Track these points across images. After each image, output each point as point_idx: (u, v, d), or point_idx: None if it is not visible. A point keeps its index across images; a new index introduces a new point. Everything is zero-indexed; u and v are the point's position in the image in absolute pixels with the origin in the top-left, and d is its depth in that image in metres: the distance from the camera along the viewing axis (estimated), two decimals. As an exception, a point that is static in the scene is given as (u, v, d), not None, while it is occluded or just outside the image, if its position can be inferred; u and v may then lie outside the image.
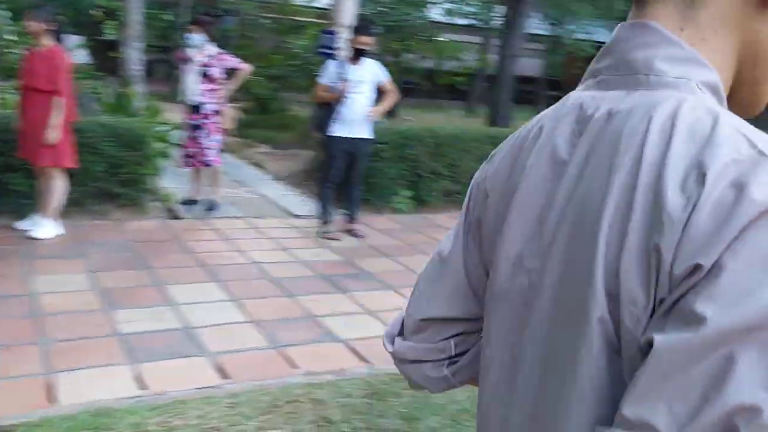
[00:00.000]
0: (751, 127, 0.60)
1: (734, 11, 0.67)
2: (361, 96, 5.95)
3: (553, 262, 0.68)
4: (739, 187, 0.54)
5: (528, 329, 0.71)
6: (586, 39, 20.32)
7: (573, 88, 0.80)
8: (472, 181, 0.89)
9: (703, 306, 0.53)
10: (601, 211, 0.62)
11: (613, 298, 0.60)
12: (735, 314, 0.52)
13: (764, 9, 0.67)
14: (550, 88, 22.16)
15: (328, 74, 6.01)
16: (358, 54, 5.98)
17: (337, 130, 5.95)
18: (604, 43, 0.78)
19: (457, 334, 0.89)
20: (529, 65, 21.17)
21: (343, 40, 6.87)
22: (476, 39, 20.04)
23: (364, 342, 4.06)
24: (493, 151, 0.88)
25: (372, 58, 6.17)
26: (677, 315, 0.55)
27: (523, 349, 0.71)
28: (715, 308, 0.53)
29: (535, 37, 19.32)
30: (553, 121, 0.75)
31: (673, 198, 0.57)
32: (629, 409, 0.56)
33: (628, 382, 0.59)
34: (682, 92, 0.64)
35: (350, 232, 6.36)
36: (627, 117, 0.64)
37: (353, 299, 4.81)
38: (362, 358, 3.88)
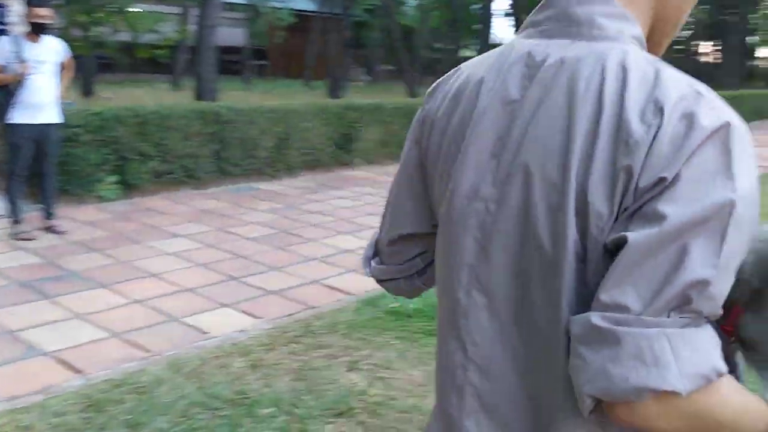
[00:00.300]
0: (680, 72, 0.76)
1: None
2: (43, 77, 5.34)
3: (514, 190, 0.77)
4: (690, 118, 0.69)
5: (491, 252, 0.80)
6: (284, 7, 20.60)
7: (279, 57, 0.74)
8: (417, 118, 0.97)
9: (664, 206, 0.67)
10: (566, 142, 0.73)
11: (581, 213, 0.72)
12: (689, 211, 0.66)
13: None
14: (255, 57, 22.15)
15: (2, 53, 5.28)
16: (36, 29, 5.34)
17: (19, 116, 5.30)
18: (302, 11, 0.74)
19: (423, 252, 1.01)
20: (232, 35, 20.89)
21: (16, 13, 6.07)
22: (175, 10, 19.18)
23: (75, 351, 3.70)
24: (431, 90, 0.97)
25: (53, 33, 5.55)
26: (641, 218, 0.69)
27: (485, 270, 0.81)
28: (675, 208, 0.66)
29: (234, 7, 19.08)
30: (498, 67, 0.84)
31: (636, 127, 0.70)
32: (605, 295, 0.68)
33: (590, 285, 0.72)
34: (621, 44, 0.77)
35: (49, 229, 5.73)
36: (579, 64, 0.76)
37: (58, 305, 4.34)
38: (75, 370, 3.51)
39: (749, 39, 34.77)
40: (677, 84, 0.72)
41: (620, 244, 0.69)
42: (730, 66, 28.99)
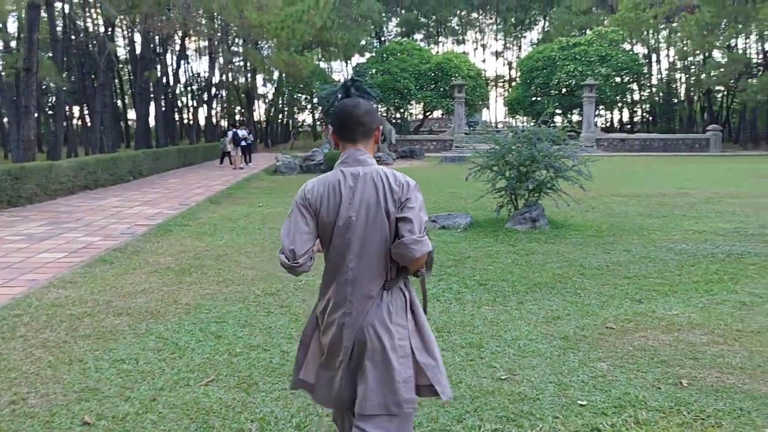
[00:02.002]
0: (398, 172, 2.55)
1: (371, 147, 2.59)
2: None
3: (360, 215, 2.43)
4: (407, 182, 2.48)
5: (351, 242, 2.46)
6: None
7: None
8: (299, 197, 2.54)
9: (411, 204, 2.45)
10: (379, 197, 2.44)
11: (390, 217, 2.44)
12: (417, 205, 2.47)
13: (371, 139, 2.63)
14: None
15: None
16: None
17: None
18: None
19: (310, 249, 2.52)
20: None
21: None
22: None
23: None
24: (308, 187, 2.55)
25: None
26: (406, 208, 2.45)
27: (349, 248, 2.46)
28: (413, 204, 2.46)
29: None
30: (337, 176, 2.50)
31: (396, 188, 2.46)
32: (414, 232, 2.42)
33: (393, 230, 2.47)
34: (375, 166, 2.50)
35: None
36: (370, 173, 2.48)
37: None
38: None
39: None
40: (401, 176, 2.49)
41: (401, 217, 2.44)
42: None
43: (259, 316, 5.70)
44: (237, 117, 53.00)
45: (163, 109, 39.99)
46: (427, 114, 55.12)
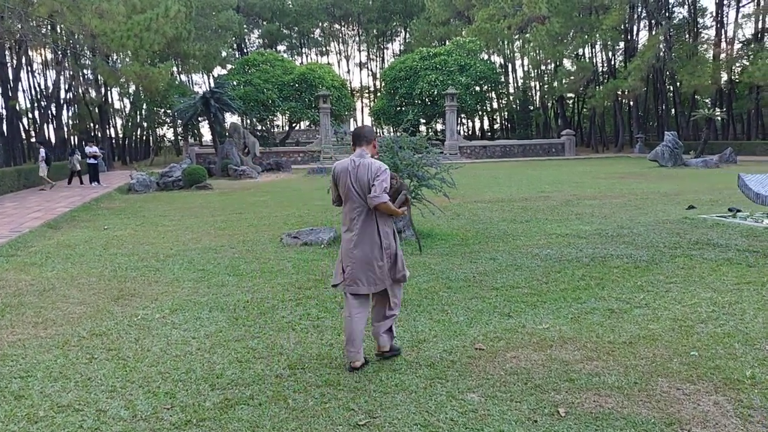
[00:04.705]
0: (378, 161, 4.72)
1: (369, 149, 4.73)
2: None
3: (356, 186, 4.59)
4: (379, 168, 4.56)
5: (352, 203, 4.66)
6: None
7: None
8: (331, 174, 4.81)
9: (376, 180, 4.51)
10: (366, 177, 4.55)
11: (368, 184, 4.55)
12: (378, 180, 4.50)
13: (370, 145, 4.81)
14: None
15: None
16: None
17: None
18: None
19: (338, 197, 4.89)
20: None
21: None
22: None
23: None
24: (333, 167, 4.77)
25: None
26: (374, 180, 4.51)
27: (350, 199, 4.66)
28: (377, 180, 4.50)
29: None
30: (349, 163, 4.65)
31: (374, 171, 4.55)
32: (376, 193, 4.48)
33: (368, 193, 4.58)
34: (367, 159, 4.65)
35: None
36: (364, 163, 4.61)
37: None
38: None
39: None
40: (379, 164, 4.58)
41: (372, 185, 4.49)
42: None
43: (78, 364, 4.78)
44: (91, 133, 49.58)
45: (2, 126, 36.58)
46: (293, 125, 54.32)
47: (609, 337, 5.01)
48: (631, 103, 51.86)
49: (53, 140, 44.22)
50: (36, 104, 45.99)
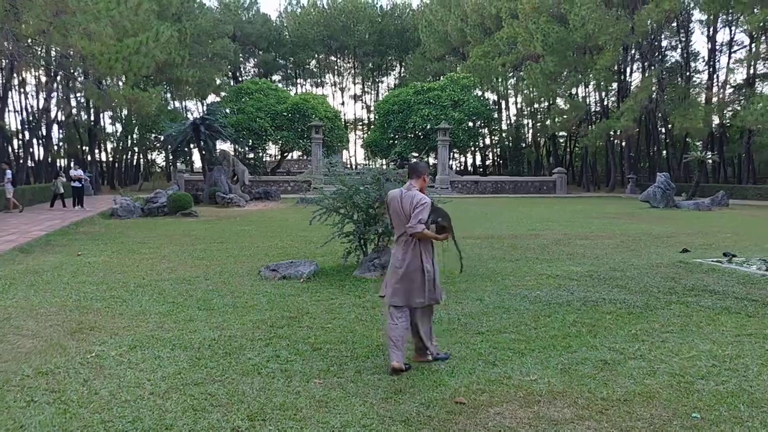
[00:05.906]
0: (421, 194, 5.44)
1: (419, 183, 5.46)
2: None
3: (402, 213, 5.30)
4: (421, 200, 5.26)
5: (399, 228, 5.41)
6: None
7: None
8: (387, 200, 5.56)
9: (416, 211, 5.20)
10: (409, 208, 5.25)
11: (409, 213, 5.28)
12: (416, 212, 5.19)
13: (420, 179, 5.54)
14: None
15: None
16: None
17: None
18: None
19: (390, 222, 5.79)
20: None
21: None
22: None
23: None
24: (388, 197, 5.50)
25: None
26: (414, 210, 5.20)
27: (400, 232, 5.41)
28: (416, 211, 5.19)
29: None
30: (399, 192, 5.43)
31: (416, 203, 5.23)
32: (416, 222, 5.18)
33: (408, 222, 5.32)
34: (414, 192, 5.36)
35: None
36: (411, 194, 5.31)
37: None
38: None
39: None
40: (419, 195, 5.30)
41: (412, 215, 5.22)
42: None
43: (14, 408, 4.30)
44: (80, 156, 49.12)
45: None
46: (285, 154, 54.05)
47: (602, 393, 4.58)
48: (624, 143, 51.94)
49: (41, 161, 43.67)
50: (26, 125, 45.55)
